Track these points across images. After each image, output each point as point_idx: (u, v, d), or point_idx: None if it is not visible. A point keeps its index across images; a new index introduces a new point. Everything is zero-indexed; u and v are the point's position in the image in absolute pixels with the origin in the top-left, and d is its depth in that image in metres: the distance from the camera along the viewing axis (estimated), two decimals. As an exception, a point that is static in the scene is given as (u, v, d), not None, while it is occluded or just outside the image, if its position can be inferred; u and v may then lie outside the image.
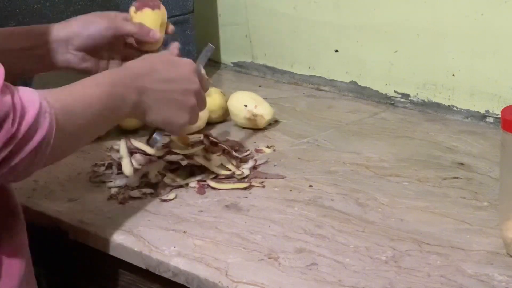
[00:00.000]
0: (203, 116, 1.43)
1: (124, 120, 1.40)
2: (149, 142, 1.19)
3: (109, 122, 1.05)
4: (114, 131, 1.37)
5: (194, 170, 1.25)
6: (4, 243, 0.97)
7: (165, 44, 1.25)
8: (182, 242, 1.08)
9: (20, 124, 0.86)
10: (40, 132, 0.88)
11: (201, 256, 1.04)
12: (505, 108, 1.02)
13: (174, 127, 1.14)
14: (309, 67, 1.69)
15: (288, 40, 1.71)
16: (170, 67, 1.13)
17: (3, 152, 0.85)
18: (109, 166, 1.29)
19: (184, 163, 1.24)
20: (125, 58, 1.23)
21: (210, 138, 1.29)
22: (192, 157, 1.25)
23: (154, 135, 1.17)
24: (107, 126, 1.06)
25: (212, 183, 1.22)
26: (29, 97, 0.88)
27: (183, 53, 1.62)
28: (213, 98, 1.47)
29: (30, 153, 0.88)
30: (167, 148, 1.27)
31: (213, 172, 1.25)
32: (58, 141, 0.91)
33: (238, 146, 1.34)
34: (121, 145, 1.28)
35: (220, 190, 1.21)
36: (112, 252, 1.11)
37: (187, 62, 1.16)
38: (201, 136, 1.30)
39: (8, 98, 0.85)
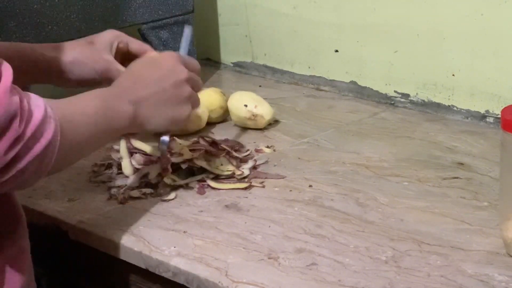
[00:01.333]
0: (203, 116, 1.43)
1: None
2: (159, 148, 1.18)
3: (107, 135, 1.04)
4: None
5: (194, 170, 1.25)
6: (6, 248, 0.96)
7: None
8: (182, 242, 1.08)
9: (27, 125, 0.86)
10: (46, 135, 0.88)
11: (201, 256, 1.04)
12: (505, 108, 1.02)
13: (179, 122, 1.12)
14: (309, 67, 1.69)
15: (288, 40, 1.71)
16: (152, 68, 1.12)
17: (11, 152, 0.85)
18: (109, 166, 1.29)
19: (184, 166, 1.24)
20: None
21: (209, 139, 1.29)
22: (192, 159, 1.25)
23: (161, 138, 1.17)
24: (105, 139, 1.05)
25: (212, 183, 1.22)
26: (35, 101, 0.89)
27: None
28: (213, 98, 1.47)
29: (37, 157, 0.87)
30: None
31: (213, 172, 1.25)
32: (61, 149, 0.91)
33: (238, 146, 1.34)
34: (121, 145, 1.28)
35: (220, 190, 1.21)
36: (112, 252, 1.11)
37: (167, 55, 1.15)
38: (199, 139, 1.30)
39: (16, 98, 0.85)
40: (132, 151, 1.28)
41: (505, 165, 1.01)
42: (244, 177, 1.25)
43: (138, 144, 1.28)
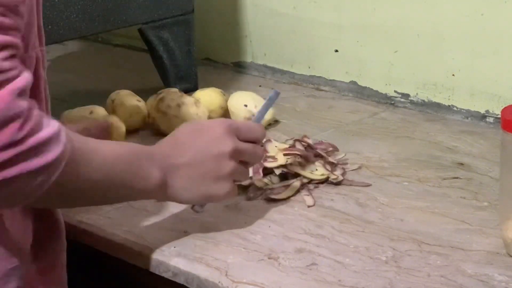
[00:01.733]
0: (203, 116, 1.43)
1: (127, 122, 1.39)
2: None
3: (126, 191, 0.96)
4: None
5: (287, 174, 1.22)
6: (43, 260, 0.96)
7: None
8: (182, 242, 1.08)
9: (30, 135, 0.80)
10: (49, 155, 0.81)
11: (201, 256, 1.04)
12: (505, 108, 1.02)
13: (214, 200, 1.04)
14: (309, 67, 1.69)
15: (288, 40, 1.71)
16: (197, 136, 1.02)
17: (1, 154, 0.78)
18: None
19: (278, 172, 1.21)
20: None
21: (305, 143, 1.26)
22: (286, 165, 1.22)
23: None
24: (122, 194, 0.97)
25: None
26: (50, 121, 0.83)
27: (183, 53, 1.64)
28: (213, 98, 1.47)
29: (31, 173, 0.81)
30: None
31: (306, 177, 1.22)
32: (62, 180, 0.84)
33: (332, 148, 1.31)
34: None
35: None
36: (112, 252, 1.11)
37: (216, 122, 1.05)
38: (295, 142, 1.26)
39: (24, 103, 0.80)
40: None
41: (505, 165, 1.01)
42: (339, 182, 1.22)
43: None
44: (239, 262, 1.02)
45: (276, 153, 1.23)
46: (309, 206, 1.15)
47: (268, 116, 1.44)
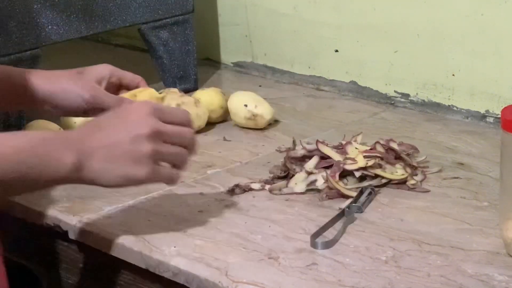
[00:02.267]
0: (203, 116, 1.43)
1: None
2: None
3: (32, 182, 0.94)
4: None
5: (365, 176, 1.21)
6: None
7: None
8: (182, 242, 1.08)
9: None
10: None
11: (201, 256, 1.04)
12: (505, 108, 1.02)
13: (136, 182, 1.00)
14: (309, 67, 1.69)
15: (288, 40, 1.71)
16: (118, 118, 1.01)
17: None
18: (285, 176, 1.24)
19: (358, 174, 1.20)
20: None
21: (386, 145, 1.25)
22: (366, 167, 1.20)
23: None
24: (28, 186, 0.96)
25: None
26: None
27: (183, 53, 1.64)
28: (213, 98, 1.47)
29: None
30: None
31: (384, 177, 1.20)
32: None
33: (413, 150, 1.29)
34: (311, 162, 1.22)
35: (220, 190, 1.21)
36: (112, 252, 1.11)
37: (139, 104, 1.03)
38: (376, 144, 1.25)
39: None
40: (310, 154, 1.23)
41: (505, 165, 1.01)
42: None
43: (325, 149, 1.23)
44: (239, 262, 1.02)
45: (356, 155, 1.22)
46: None
47: (268, 116, 1.44)
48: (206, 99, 1.46)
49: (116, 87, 1.24)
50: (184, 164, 1.03)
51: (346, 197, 1.17)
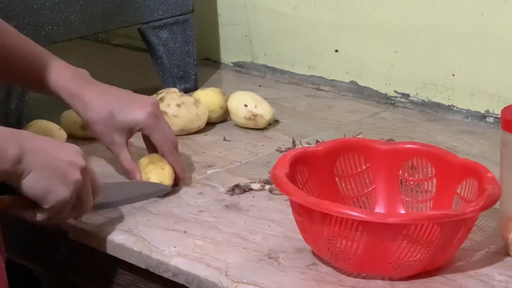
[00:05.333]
0: (203, 116, 1.43)
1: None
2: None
3: None
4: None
5: None
6: None
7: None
8: (182, 242, 1.08)
9: None
10: None
11: (201, 256, 1.04)
12: (505, 108, 1.02)
13: (50, 199, 0.99)
14: (309, 67, 1.69)
15: (288, 40, 1.71)
16: (62, 144, 1.05)
17: None
18: None
19: None
20: None
21: None
22: None
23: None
24: None
25: None
26: None
27: (183, 53, 1.64)
28: (213, 98, 1.47)
29: None
30: None
31: None
32: None
33: None
34: None
35: (220, 190, 1.21)
36: (112, 252, 1.11)
37: (71, 145, 1.05)
38: None
39: None
40: None
41: (505, 165, 1.01)
42: None
43: None
44: (239, 262, 1.02)
45: None
46: None
47: (268, 116, 1.44)
48: (206, 99, 1.46)
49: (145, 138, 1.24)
50: (88, 207, 1.05)
51: None
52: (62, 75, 1.20)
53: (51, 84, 1.20)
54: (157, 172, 1.19)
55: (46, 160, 0.98)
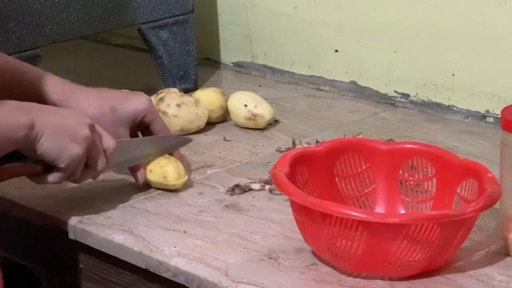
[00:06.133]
0: (203, 116, 1.43)
1: None
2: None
3: None
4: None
5: None
6: None
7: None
8: (182, 242, 1.08)
9: None
10: None
11: (201, 256, 1.04)
12: (505, 108, 1.02)
13: (64, 157, 1.07)
14: (309, 67, 1.69)
15: (288, 40, 1.71)
16: (65, 109, 1.13)
17: None
18: None
19: None
20: None
21: None
22: None
23: None
24: None
25: None
26: None
27: (183, 53, 1.64)
28: (213, 98, 1.47)
29: None
30: None
31: None
32: None
33: None
34: None
35: (220, 190, 1.21)
36: (112, 252, 1.11)
37: (76, 109, 1.15)
38: None
39: None
40: None
41: (505, 165, 1.01)
42: None
43: None
44: (239, 262, 1.02)
45: None
46: None
47: (268, 116, 1.44)
48: (206, 99, 1.46)
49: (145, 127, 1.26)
50: (102, 166, 1.12)
51: None
52: (52, 82, 1.20)
53: (41, 93, 1.20)
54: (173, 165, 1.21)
55: (55, 122, 1.05)
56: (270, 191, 1.21)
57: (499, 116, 1.16)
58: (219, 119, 1.48)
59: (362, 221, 0.93)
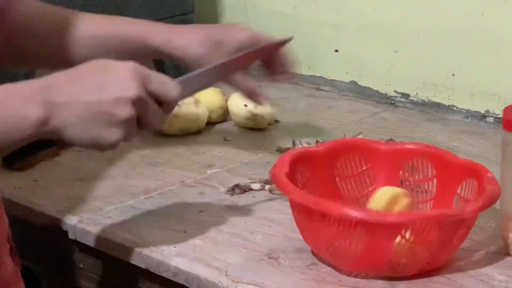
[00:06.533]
0: (203, 116, 1.43)
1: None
2: None
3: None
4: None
5: None
6: None
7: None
8: (182, 242, 1.08)
9: None
10: None
11: (201, 256, 1.04)
12: (507, 107, 1.02)
13: (102, 146, 0.91)
14: (309, 67, 1.69)
15: (288, 40, 1.70)
16: (99, 73, 0.91)
17: None
18: None
19: None
20: None
21: None
22: None
23: None
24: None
25: None
26: None
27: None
28: (213, 98, 1.47)
29: None
30: None
31: None
32: None
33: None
34: None
35: (220, 190, 1.22)
36: (112, 252, 1.11)
37: (125, 65, 0.92)
38: None
39: None
40: None
41: (505, 165, 1.01)
42: None
43: None
44: (239, 262, 1.02)
45: None
46: None
47: (268, 116, 1.44)
48: (206, 99, 1.46)
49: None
50: (156, 125, 0.95)
51: None
52: (149, 24, 1.15)
53: (143, 40, 1.13)
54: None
55: (82, 110, 0.88)
56: (270, 191, 1.21)
57: (499, 116, 1.16)
58: (219, 119, 1.48)
59: (362, 220, 0.93)
